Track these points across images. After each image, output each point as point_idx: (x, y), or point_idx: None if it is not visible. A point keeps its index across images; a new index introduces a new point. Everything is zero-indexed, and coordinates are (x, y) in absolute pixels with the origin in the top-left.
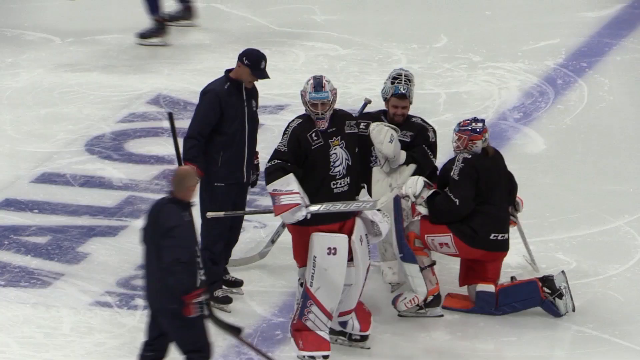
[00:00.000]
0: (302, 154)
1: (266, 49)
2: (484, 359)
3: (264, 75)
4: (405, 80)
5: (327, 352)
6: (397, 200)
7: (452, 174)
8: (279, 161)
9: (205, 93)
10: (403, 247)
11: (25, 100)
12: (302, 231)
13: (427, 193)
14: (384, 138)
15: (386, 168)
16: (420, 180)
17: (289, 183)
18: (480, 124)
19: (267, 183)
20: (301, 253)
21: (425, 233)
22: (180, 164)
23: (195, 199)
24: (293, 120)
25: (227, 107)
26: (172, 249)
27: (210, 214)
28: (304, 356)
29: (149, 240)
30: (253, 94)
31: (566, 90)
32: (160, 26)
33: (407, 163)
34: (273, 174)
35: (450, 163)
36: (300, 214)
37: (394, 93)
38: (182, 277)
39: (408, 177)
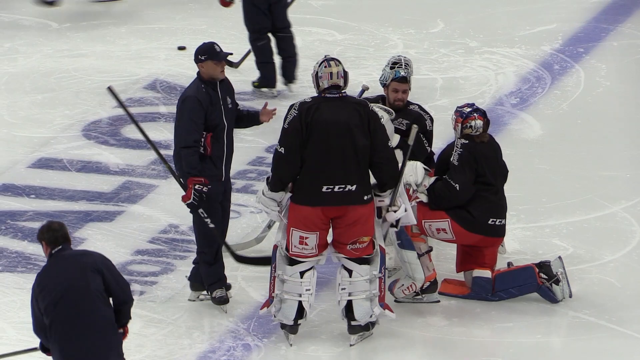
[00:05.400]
0: None
1: None
2: (480, 345)
3: (225, 55)
4: (404, 65)
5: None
6: None
7: (452, 159)
8: None
9: (184, 100)
10: (400, 234)
11: (23, 85)
12: None
13: (429, 181)
14: None
15: None
16: (420, 168)
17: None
18: (468, 109)
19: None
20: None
21: (422, 219)
22: (145, 139)
23: None
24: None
25: (208, 108)
26: None
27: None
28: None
29: None
30: (227, 90)
31: (563, 75)
32: None
33: (400, 148)
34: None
35: (450, 148)
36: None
37: (394, 77)
38: None
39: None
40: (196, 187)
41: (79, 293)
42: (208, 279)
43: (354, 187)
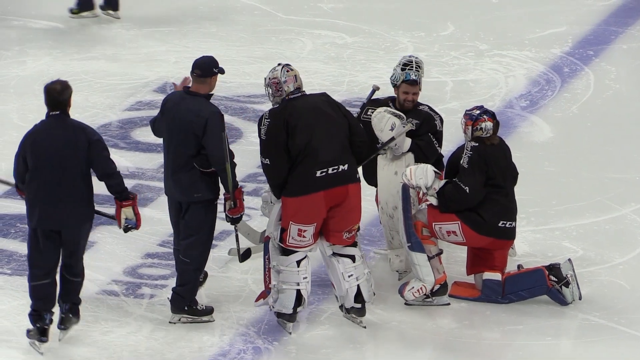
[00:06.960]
0: None
1: (273, 37)
2: (490, 348)
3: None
4: (415, 67)
5: None
6: (405, 189)
7: (461, 162)
8: None
9: (214, 117)
10: (411, 236)
11: (32, 89)
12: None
13: (439, 184)
14: (384, 126)
15: (389, 155)
16: (430, 171)
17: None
18: (478, 111)
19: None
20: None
21: (433, 221)
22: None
23: None
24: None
25: None
26: None
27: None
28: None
29: None
30: None
31: (573, 78)
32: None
33: (411, 151)
34: None
35: (460, 151)
36: None
37: (404, 79)
38: None
39: (411, 163)
40: (242, 198)
41: (66, 166)
42: (193, 293)
43: (346, 167)
